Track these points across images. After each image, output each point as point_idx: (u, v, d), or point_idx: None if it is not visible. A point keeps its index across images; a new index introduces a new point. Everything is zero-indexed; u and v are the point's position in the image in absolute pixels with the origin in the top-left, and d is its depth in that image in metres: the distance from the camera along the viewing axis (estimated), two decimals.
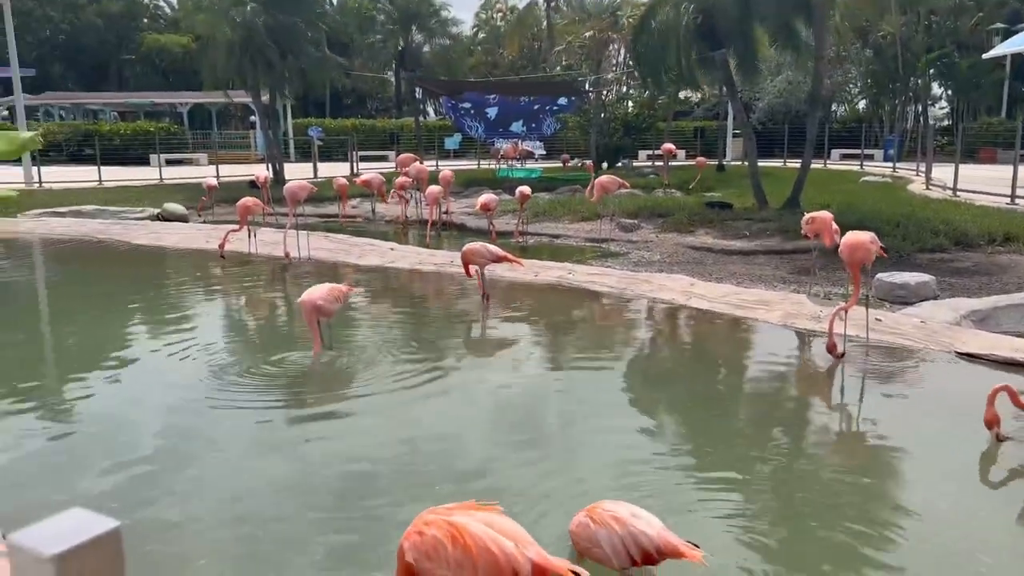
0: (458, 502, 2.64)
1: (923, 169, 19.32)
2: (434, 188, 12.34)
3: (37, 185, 21.29)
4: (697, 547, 2.86)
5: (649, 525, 2.87)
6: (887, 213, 12.30)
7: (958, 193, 16.14)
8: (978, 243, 10.92)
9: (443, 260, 10.13)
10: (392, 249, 10.93)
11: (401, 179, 14.57)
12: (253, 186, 17.42)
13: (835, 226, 7.61)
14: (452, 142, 35.36)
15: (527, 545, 2.49)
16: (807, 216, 7.96)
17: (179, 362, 6.21)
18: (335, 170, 23.40)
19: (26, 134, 3.51)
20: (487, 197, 11.92)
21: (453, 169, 18.85)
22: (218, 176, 21.26)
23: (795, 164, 22.23)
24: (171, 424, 4.95)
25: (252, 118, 38.02)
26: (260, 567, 3.32)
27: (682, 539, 2.87)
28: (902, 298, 8.22)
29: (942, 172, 18.50)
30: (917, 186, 18.03)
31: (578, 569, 2.52)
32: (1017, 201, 14.11)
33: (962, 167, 17.21)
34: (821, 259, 9.41)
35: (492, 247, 7.90)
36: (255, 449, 4.55)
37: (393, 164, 21.96)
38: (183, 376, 5.85)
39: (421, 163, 16.27)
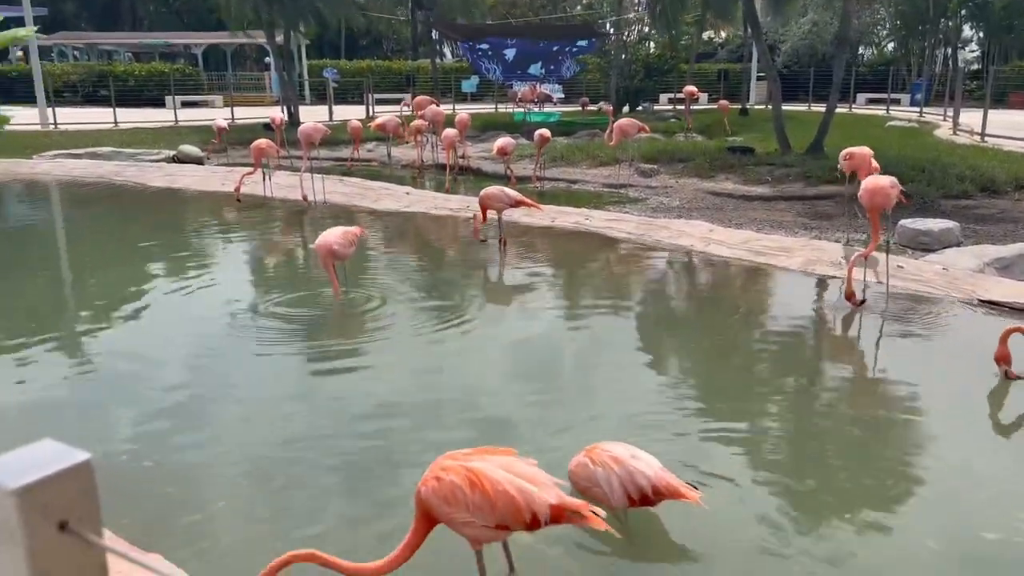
0: (474, 447, 2.62)
1: (951, 114, 18.79)
2: (450, 131, 12.13)
3: (52, 126, 21.25)
4: (696, 488, 2.84)
5: (648, 466, 2.85)
6: (912, 158, 12.01)
7: (986, 139, 15.72)
8: (1005, 189, 10.66)
9: (459, 205, 10.02)
10: (408, 193, 10.84)
11: (417, 122, 14.35)
12: (268, 128, 17.26)
13: (875, 163, 7.40)
14: (469, 85, 34.74)
15: (546, 487, 2.48)
16: (845, 151, 7.67)
17: (198, 306, 6.23)
18: (350, 112, 23.15)
19: (20, 31, 3.43)
20: (504, 141, 11.71)
21: (470, 112, 18.58)
22: (232, 118, 21.10)
23: (820, 108, 21.70)
24: (190, 367, 4.97)
25: (267, 59, 37.58)
26: (277, 508, 3.34)
27: (682, 481, 2.84)
28: (925, 245, 8.06)
29: (971, 117, 18.00)
30: (944, 131, 17.58)
31: (596, 509, 2.51)
32: None
33: (992, 112, 16.72)
34: (849, 205, 9.21)
35: (510, 191, 7.77)
36: (272, 392, 4.57)
37: (409, 106, 21.67)
38: (202, 320, 5.87)
39: (438, 106, 16.02)
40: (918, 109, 25.27)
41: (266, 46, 27.12)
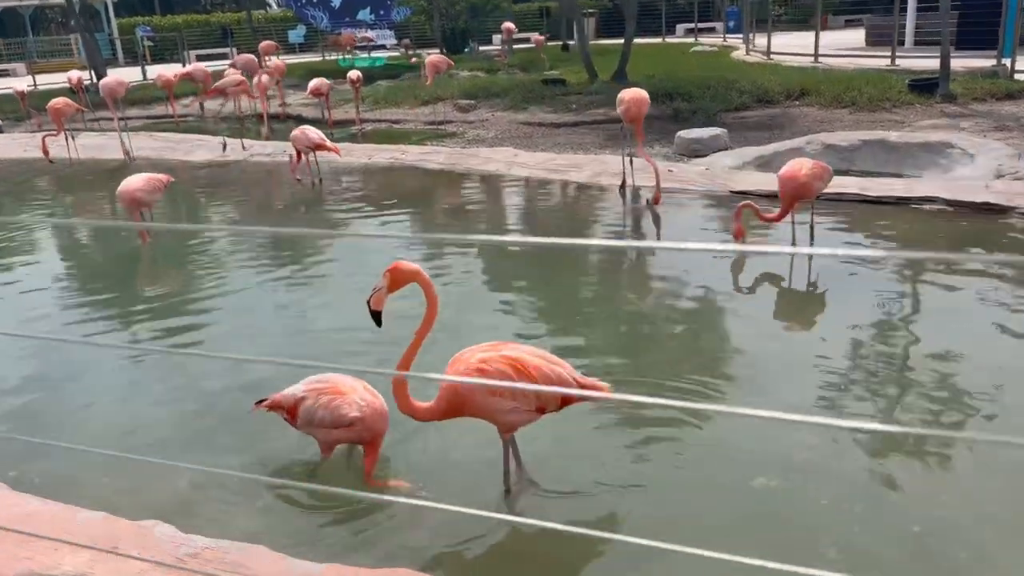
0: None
1: (750, 38, 20.07)
2: (264, 78, 12.06)
3: None
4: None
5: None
6: (702, 78, 13.10)
7: (772, 56, 17.16)
8: (778, 99, 11.91)
9: (274, 150, 10.20)
10: (223, 144, 10.82)
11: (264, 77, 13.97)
12: (73, 92, 16.36)
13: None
14: (296, 35, 33.88)
15: (565, 367, 2.72)
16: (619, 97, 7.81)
17: None
18: (168, 72, 22.07)
19: None
20: (317, 81, 11.83)
21: (298, 62, 18.27)
22: (35, 85, 19.76)
23: (644, 40, 22.91)
24: None
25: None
26: None
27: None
28: (697, 151, 9.06)
29: (776, 40, 18.96)
30: (740, 54, 18.94)
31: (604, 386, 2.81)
32: (820, 60, 15.26)
33: (789, 35, 18.09)
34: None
35: (311, 133, 8.01)
36: None
37: (230, 61, 20.92)
38: None
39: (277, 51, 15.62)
40: (729, 36, 26.77)
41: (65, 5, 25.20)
